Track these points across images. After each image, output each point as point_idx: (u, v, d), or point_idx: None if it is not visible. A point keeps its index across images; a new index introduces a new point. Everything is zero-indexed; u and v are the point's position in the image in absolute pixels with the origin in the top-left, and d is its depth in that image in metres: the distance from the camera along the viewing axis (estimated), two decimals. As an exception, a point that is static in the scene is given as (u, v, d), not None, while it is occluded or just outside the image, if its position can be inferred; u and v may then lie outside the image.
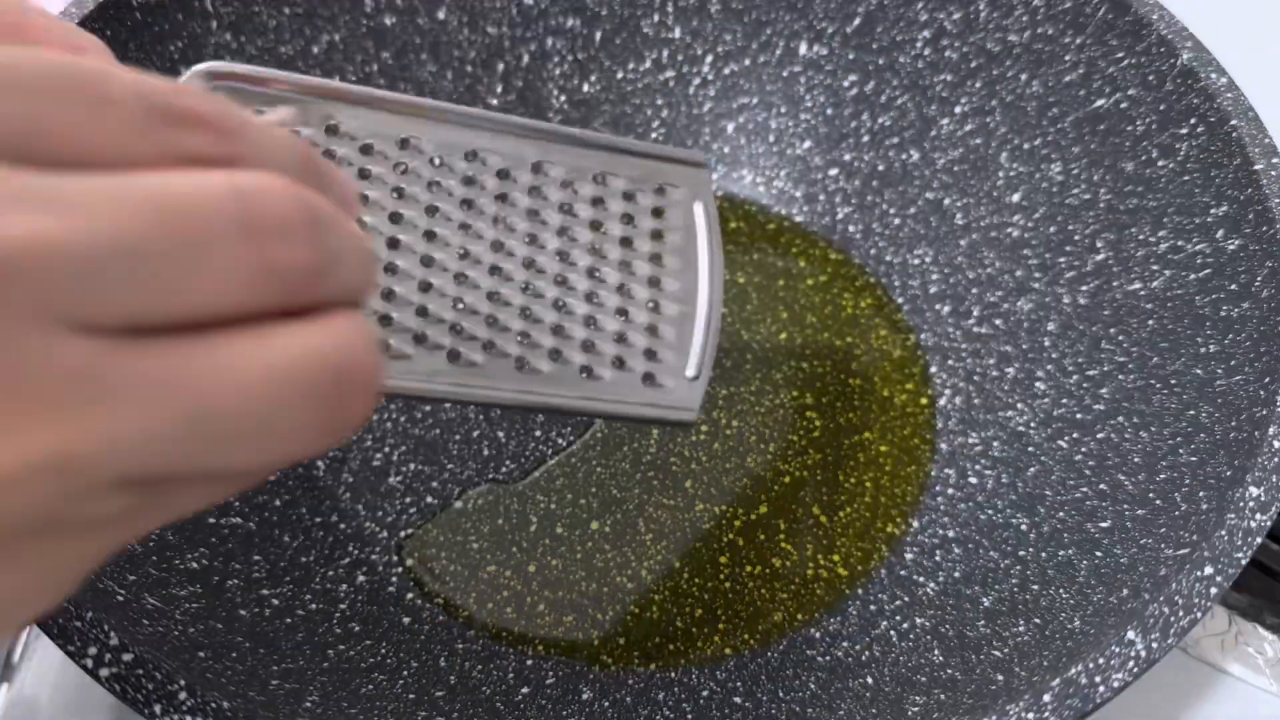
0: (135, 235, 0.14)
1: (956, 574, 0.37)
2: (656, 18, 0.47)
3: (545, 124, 0.28)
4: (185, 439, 0.15)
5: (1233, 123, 0.36)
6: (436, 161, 0.27)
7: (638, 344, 0.28)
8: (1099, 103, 0.40)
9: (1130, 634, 0.27)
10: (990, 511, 0.38)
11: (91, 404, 0.14)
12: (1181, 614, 0.28)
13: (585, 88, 0.47)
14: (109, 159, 0.15)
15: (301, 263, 0.16)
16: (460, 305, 0.26)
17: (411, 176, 0.26)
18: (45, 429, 0.14)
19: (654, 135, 0.49)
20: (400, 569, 0.38)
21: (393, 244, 0.26)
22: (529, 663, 0.36)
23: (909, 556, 0.38)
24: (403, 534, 0.39)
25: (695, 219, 0.29)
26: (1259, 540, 0.29)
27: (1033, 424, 0.39)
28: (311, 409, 0.16)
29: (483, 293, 0.26)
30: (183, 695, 0.26)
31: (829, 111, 0.48)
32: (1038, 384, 0.40)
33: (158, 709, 0.26)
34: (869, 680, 0.34)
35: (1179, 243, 0.37)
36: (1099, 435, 0.37)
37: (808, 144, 0.48)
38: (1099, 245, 0.40)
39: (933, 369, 0.44)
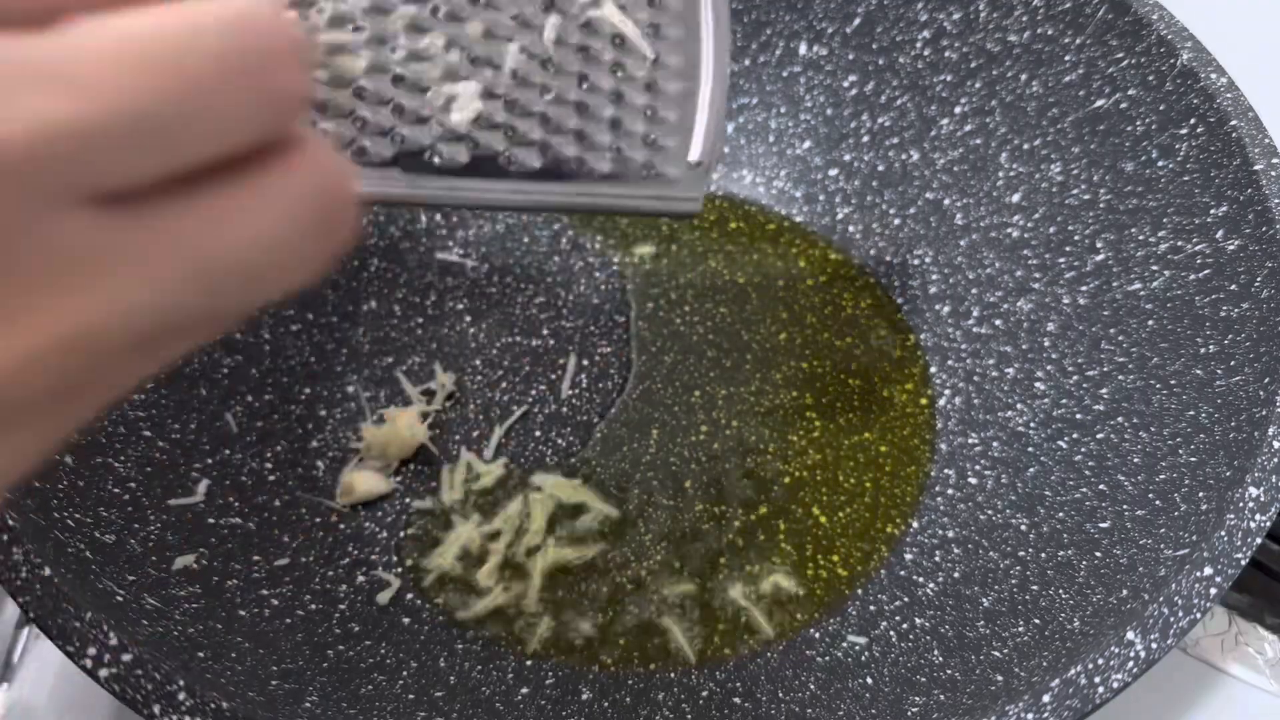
0: (138, 101, 0.14)
1: (956, 574, 0.37)
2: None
3: None
4: (195, 293, 0.15)
5: (1233, 123, 0.36)
6: None
7: (636, 130, 0.25)
8: (1099, 103, 0.40)
9: (1130, 634, 0.27)
10: (990, 512, 0.38)
11: (106, 276, 0.14)
12: (1181, 614, 0.28)
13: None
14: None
15: (292, 89, 0.16)
16: (443, 101, 0.24)
17: None
18: (65, 306, 0.14)
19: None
20: (400, 569, 0.38)
21: (373, 39, 0.24)
22: (528, 663, 0.36)
23: (909, 557, 0.38)
24: (402, 534, 0.39)
25: None
26: (1259, 541, 0.29)
27: (1032, 424, 0.39)
28: (308, 241, 0.16)
29: (470, 86, 0.24)
30: (182, 696, 0.26)
31: (829, 111, 0.48)
32: (1037, 384, 0.40)
33: (157, 709, 0.26)
34: (869, 680, 0.34)
35: (1179, 243, 0.37)
36: (1099, 436, 0.37)
37: (808, 144, 0.48)
38: (1099, 245, 0.40)
39: (933, 369, 0.44)
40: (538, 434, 0.42)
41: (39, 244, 0.13)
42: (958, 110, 0.44)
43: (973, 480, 0.40)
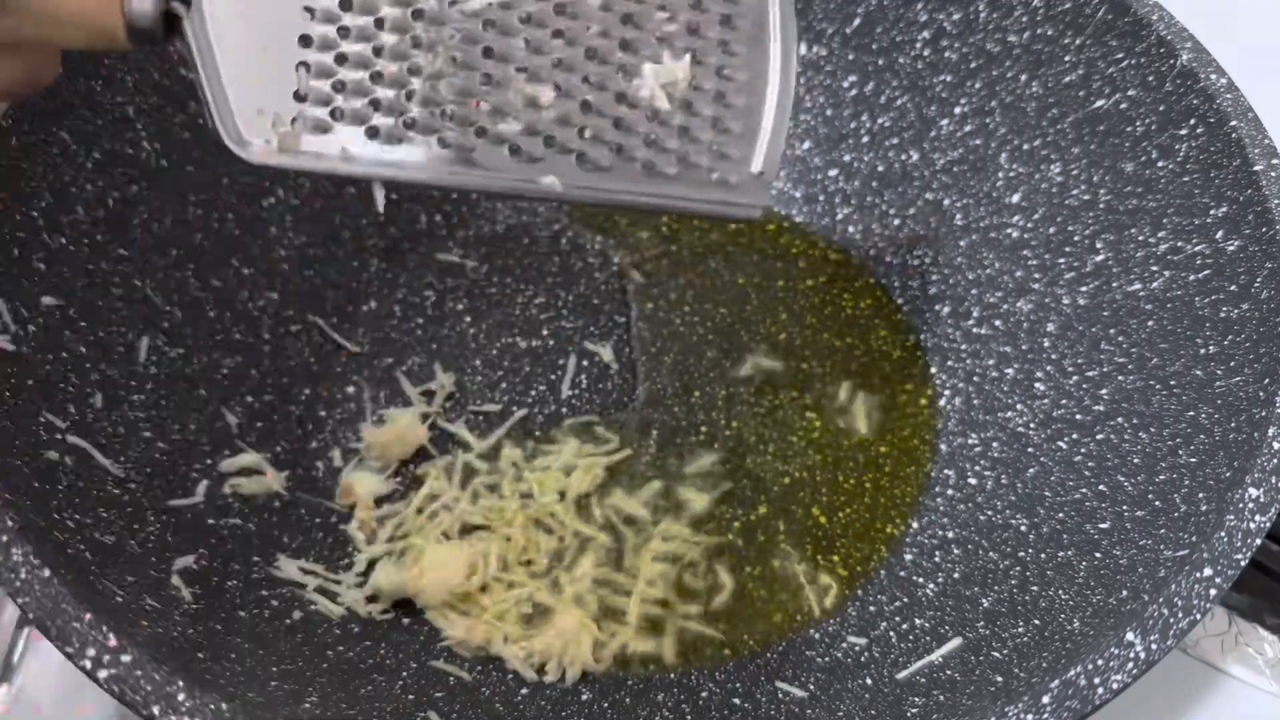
0: None
1: (956, 575, 0.37)
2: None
3: None
4: None
5: (1232, 123, 0.36)
6: None
7: (703, 138, 0.27)
8: (1099, 103, 0.40)
9: (1129, 635, 0.27)
10: (990, 512, 0.38)
11: None
12: (1181, 615, 0.28)
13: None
14: None
15: None
16: (523, 100, 0.26)
17: None
18: None
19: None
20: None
21: (469, 40, 0.26)
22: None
23: (908, 557, 0.38)
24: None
25: (767, 2, 0.28)
26: (1258, 541, 0.29)
27: (1032, 425, 0.39)
28: None
29: (548, 86, 0.26)
30: (181, 696, 0.26)
31: (829, 112, 0.48)
32: (1037, 385, 0.40)
33: (156, 710, 0.26)
34: (868, 681, 0.34)
35: (1178, 244, 0.37)
36: (1098, 436, 0.37)
37: (808, 144, 0.48)
38: (1099, 246, 0.40)
39: (932, 369, 0.43)
40: (537, 434, 0.42)
41: None
42: (958, 110, 0.44)
43: (973, 481, 0.40)
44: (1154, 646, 0.27)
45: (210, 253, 0.41)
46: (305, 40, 0.25)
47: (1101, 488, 0.35)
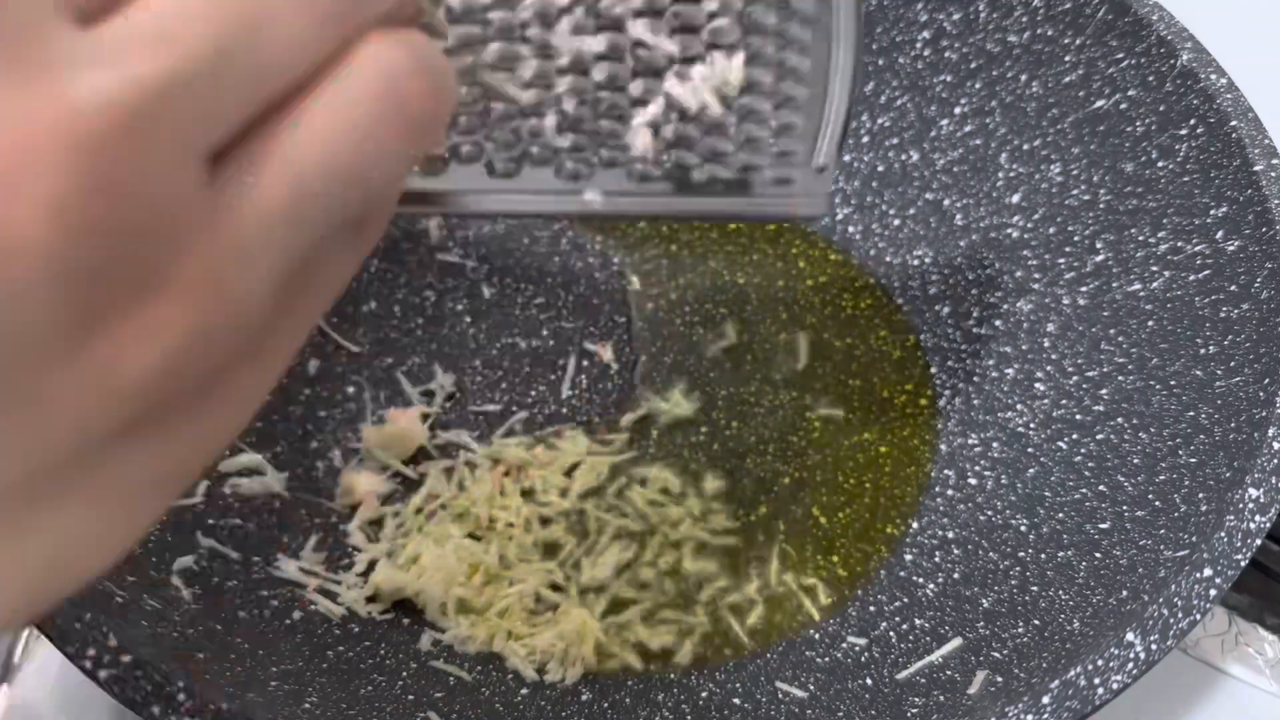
0: (213, 40, 0.14)
1: (956, 575, 0.37)
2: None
3: None
4: (312, 210, 0.16)
5: (1232, 123, 0.36)
6: None
7: (763, 138, 0.25)
8: (1099, 103, 0.40)
9: (1129, 636, 0.27)
10: (990, 513, 0.38)
11: (222, 227, 0.14)
12: (1181, 616, 0.28)
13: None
14: None
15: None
16: (566, 110, 0.23)
17: None
18: (194, 270, 0.14)
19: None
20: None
21: (505, 46, 0.23)
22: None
23: (908, 558, 0.38)
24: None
25: None
26: (1258, 542, 0.29)
27: (1032, 425, 0.39)
28: (390, 128, 0.16)
29: (591, 94, 0.23)
30: (181, 697, 0.26)
31: (829, 112, 0.48)
32: (1037, 385, 0.40)
33: (156, 710, 0.26)
34: (868, 681, 0.34)
35: (1178, 244, 0.37)
36: (1098, 436, 0.37)
37: (808, 144, 0.48)
38: (1099, 246, 0.40)
39: (933, 369, 0.44)
40: (538, 434, 0.42)
41: (169, 199, 0.14)
42: (958, 111, 0.44)
43: (972, 481, 0.40)
44: (1154, 647, 0.27)
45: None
46: None
47: (1101, 488, 0.35)
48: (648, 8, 0.24)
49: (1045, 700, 0.27)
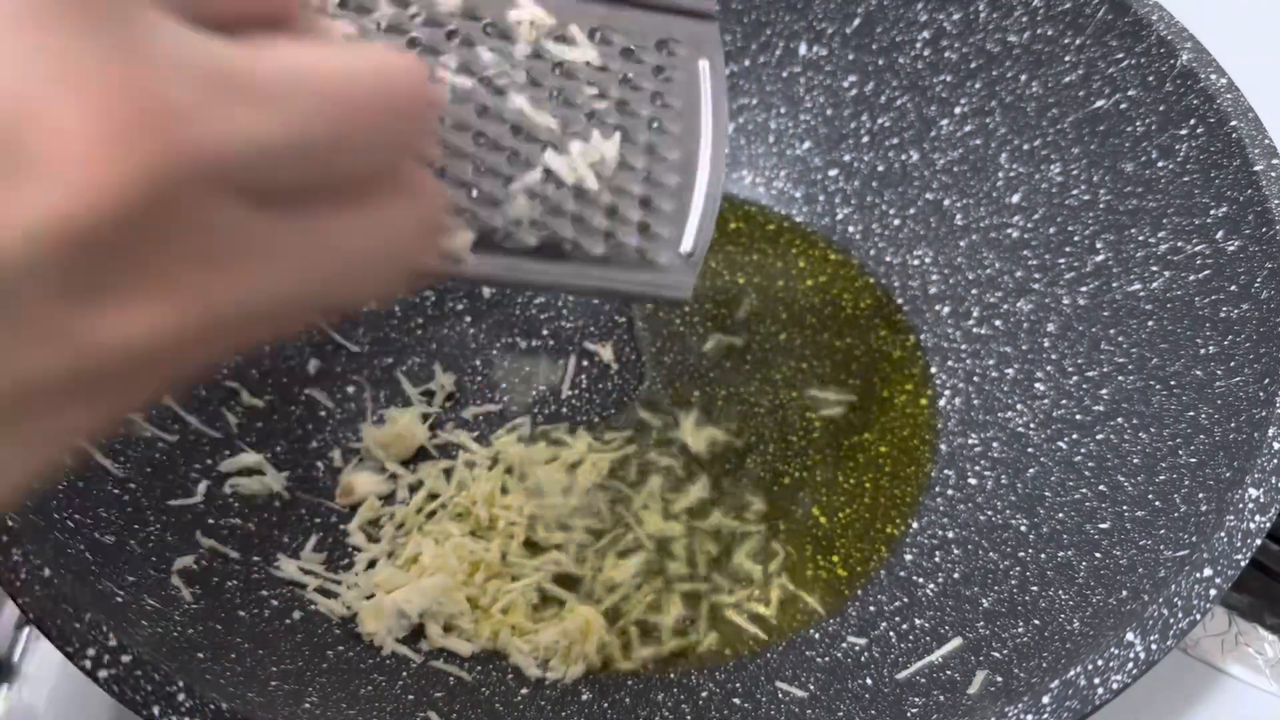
0: (316, 128, 0.16)
1: (956, 575, 0.37)
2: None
3: None
4: (313, 286, 0.17)
5: (1232, 123, 0.36)
6: (412, 12, 0.24)
7: (632, 218, 0.26)
8: (1099, 103, 0.40)
9: (1129, 636, 0.27)
10: (990, 513, 0.38)
11: (253, 259, 0.16)
12: (1181, 615, 0.28)
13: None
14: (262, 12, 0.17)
15: (417, 131, 0.19)
16: (442, 176, 0.24)
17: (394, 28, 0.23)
18: (219, 280, 0.15)
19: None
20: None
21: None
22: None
23: (908, 557, 0.38)
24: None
25: (700, 78, 0.27)
26: (1258, 542, 0.29)
27: (1032, 425, 0.39)
28: (399, 257, 0.19)
29: (466, 164, 0.24)
30: (181, 696, 0.26)
31: (829, 112, 0.48)
32: (1037, 385, 0.40)
33: (156, 710, 0.26)
34: (868, 681, 0.34)
35: (1179, 244, 0.37)
36: (1098, 436, 0.37)
37: (807, 144, 0.48)
38: (1099, 246, 0.40)
39: (933, 369, 0.44)
40: (538, 433, 0.42)
41: (203, 224, 0.15)
42: (958, 111, 0.44)
43: (973, 481, 0.40)
44: (1154, 646, 0.27)
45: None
46: None
47: (1101, 488, 0.35)
48: (531, 82, 0.25)
49: (1045, 700, 0.27)
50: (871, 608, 0.37)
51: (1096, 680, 0.27)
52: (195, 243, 0.15)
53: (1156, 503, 0.33)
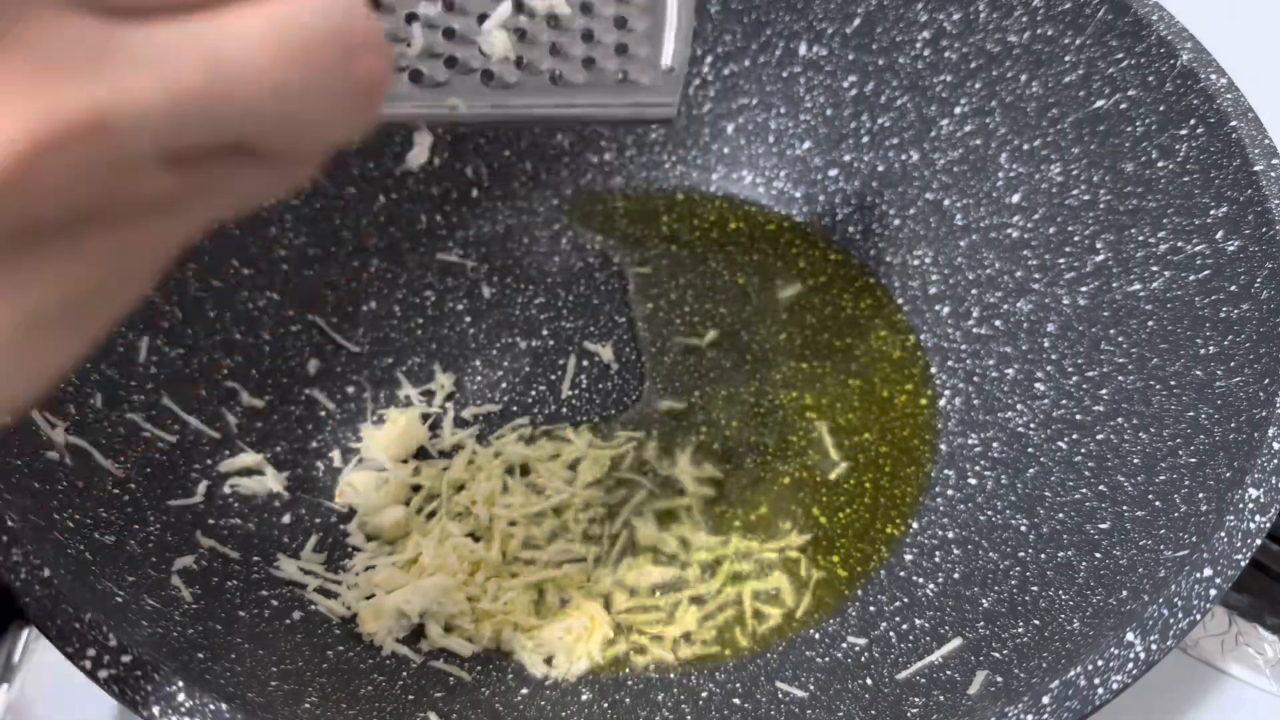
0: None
1: (956, 575, 0.37)
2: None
3: None
4: (206, 101, 0.15)
5: (1232, 123, 0.36)
6: None
7: (608, 41, 0.26)
8: (1099, 103, 0.40)
9: (1129, 636, 0.27)
10: (990, 513, 0.38)
11: (114, 70, 0.15)
12: (1181, 616, 0.28)
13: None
14: None
15: None
16: (417, 21, 0.24)
17: None
18: (74, 92, 0.14)
19: (652, 137, 0.49)
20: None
21: None
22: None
23: (908, 558, 0.38)
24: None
25: None
26: (1258, 542, 0.29)
27: (1032, 425, 0.39)
28: (319, 68, 0.16)
29: (439, 6, 0.24)
30: (181, 696, 0.26)
31: (829, 112, 0.48)
32: (1037, 385, 0.40)
33: (156, 710, 0.26)
34: (868, 681, 0.34)
35: (1178, 244, 0.37)
36: (1098, 436, 0.37)
37: (807, 144, 0.48)
38: (1099, 246, 0.40)
39: (932, 370, 0.44)
40: (538, 433, 0.42)
41: (43, 33, 0.14)
42: (958, 111, 0.44)
43: (973, 481, 0.40)
44: (1154, 646, 0.27)
45: (210, 253, 0.41)
46: None
47: (1101, 488, 0.35)
48: None
49: (1045, 700, 0.27)
50: (871, 608, 0.37)
51: (1096, 680, 0.27)
52: (52, 57, 0.15)
53: (1156, 503, 0.33)
